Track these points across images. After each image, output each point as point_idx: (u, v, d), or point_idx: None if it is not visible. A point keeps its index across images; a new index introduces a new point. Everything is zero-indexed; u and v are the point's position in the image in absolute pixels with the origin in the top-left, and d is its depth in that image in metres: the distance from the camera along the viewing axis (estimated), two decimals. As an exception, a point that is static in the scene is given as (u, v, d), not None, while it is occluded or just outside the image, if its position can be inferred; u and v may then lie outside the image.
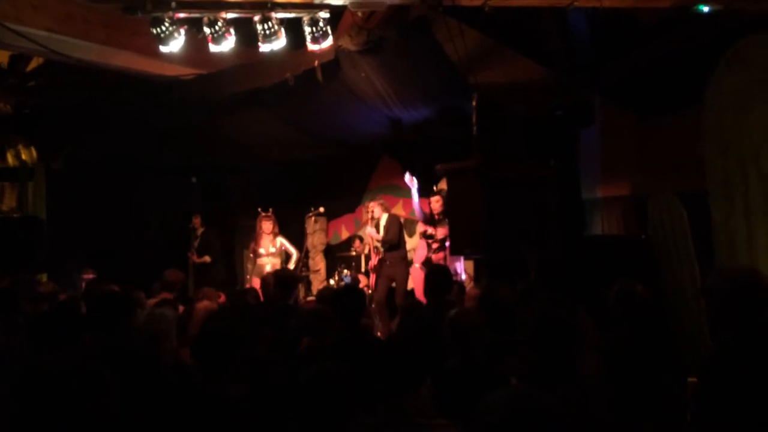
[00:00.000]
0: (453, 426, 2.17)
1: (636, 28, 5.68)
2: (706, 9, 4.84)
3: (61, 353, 3.29)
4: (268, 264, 8.36)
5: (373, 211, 8.24)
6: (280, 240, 8.57)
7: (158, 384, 2.87)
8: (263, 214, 8.56)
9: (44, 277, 7.95)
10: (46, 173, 9.16)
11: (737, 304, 2.33)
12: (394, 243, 8.00)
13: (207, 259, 9.21)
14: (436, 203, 7.26)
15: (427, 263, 7.12)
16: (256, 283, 7.60)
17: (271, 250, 8.50)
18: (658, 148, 6.19)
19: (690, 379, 2.36)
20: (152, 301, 5.00)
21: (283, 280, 4.85)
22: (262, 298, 5.54)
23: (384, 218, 8.11)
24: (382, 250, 8.12)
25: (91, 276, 8.64)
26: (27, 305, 4.98)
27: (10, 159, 9.65)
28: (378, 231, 8.11)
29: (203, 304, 4.72)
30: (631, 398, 1.92)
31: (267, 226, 8.47)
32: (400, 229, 8.18)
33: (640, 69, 5.91)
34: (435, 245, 7.19)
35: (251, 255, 8.71)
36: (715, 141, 4.95)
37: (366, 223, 8.39)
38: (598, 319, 2.84)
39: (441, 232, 7.14)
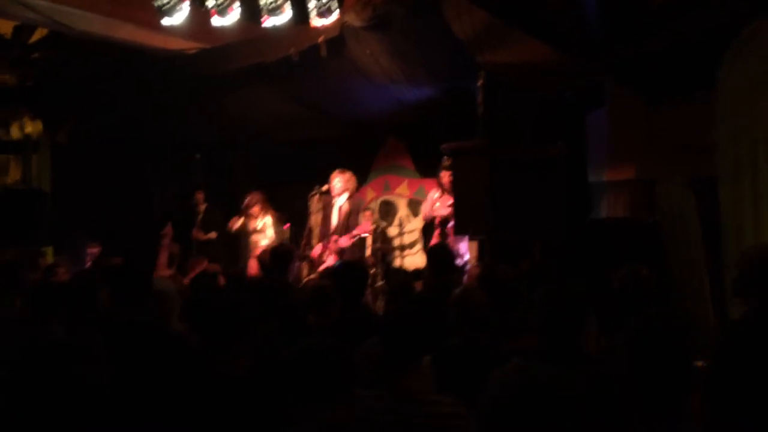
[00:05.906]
0: (456, 403, 2.15)
1: (647, 10, 5.59)
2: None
3: (58, 325, 3.30)
4: (261, 240, 8.25)
5: (333, 182, 7.08)
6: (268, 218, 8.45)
7: (165, 359, 2.85)
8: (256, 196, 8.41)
9: (49, 251, 7.95)
10: (50, 146, 9.15)
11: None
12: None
13: (213, 235, 9.08)
14: (447, 177, 6.80)
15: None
16: (253, 261, 7.58)
17: (259, 227, 8.38)
18: (667, 132, 6.11)
19: (697, 363, 2.34)
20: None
21: (279, 255, 4.76)
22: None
23: (342, 199, 7.11)
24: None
25: (95, 250, 8.63)
26: (31, 276, 4.98)
27: (14, 131, 9.62)
28: (330, 211, 7.10)
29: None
30: (636, 380, 1.90)
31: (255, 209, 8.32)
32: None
33: (651, 51, 5.82)
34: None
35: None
36: (726, 125, 4.88)
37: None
38: (602, 302, 2.82)
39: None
